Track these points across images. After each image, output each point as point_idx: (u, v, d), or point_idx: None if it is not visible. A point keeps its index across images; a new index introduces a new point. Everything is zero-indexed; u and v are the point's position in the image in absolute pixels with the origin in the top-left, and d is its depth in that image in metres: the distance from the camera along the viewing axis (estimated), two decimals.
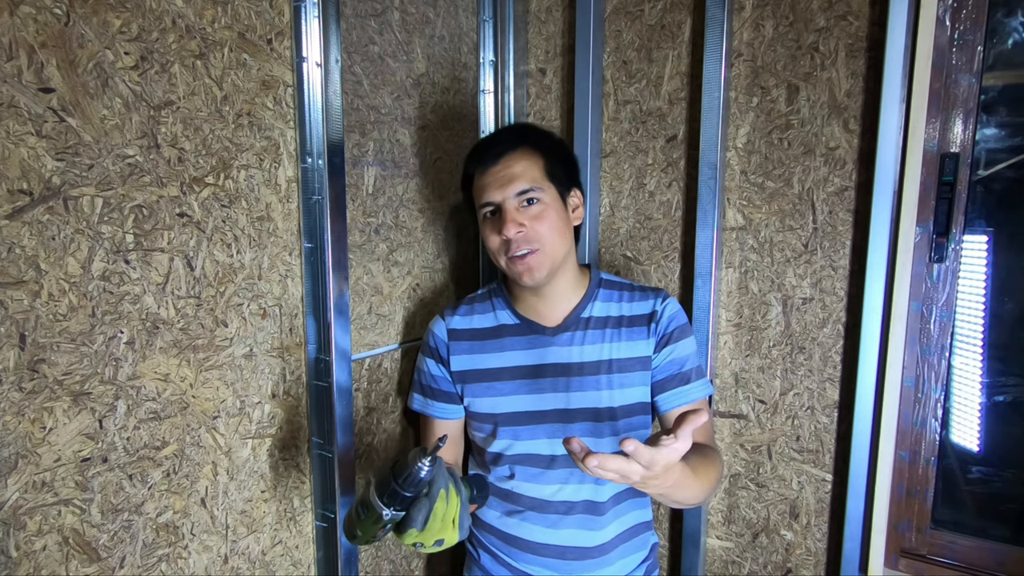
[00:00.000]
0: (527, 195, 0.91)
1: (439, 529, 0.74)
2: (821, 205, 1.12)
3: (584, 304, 0.99)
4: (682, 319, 0.99)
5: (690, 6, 1.21)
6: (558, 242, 0.93)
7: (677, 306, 1.00)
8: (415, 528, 0.73)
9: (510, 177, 0.91)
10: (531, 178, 0.92)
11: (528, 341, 0.99)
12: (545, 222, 0.91)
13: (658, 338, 0.97)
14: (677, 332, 0.98)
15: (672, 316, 0.98)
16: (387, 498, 0.72)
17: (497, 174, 0.92)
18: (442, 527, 0.74)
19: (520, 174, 0.91)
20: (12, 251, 0.62)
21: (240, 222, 0.84)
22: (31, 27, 0.62)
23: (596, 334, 0.98)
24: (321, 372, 0.94)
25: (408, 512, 0.73)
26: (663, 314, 0.98)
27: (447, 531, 0.75)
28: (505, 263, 0.94)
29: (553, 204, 0.93)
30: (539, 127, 1.02)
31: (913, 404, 1.12)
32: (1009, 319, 1.08)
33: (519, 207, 0.92)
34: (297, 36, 0.88)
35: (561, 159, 0.97)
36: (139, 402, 0.74)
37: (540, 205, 0.92)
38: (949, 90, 1.04)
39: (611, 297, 1.01)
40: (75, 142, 0.66)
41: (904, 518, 1.14)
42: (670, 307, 0.99)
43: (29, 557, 0.66)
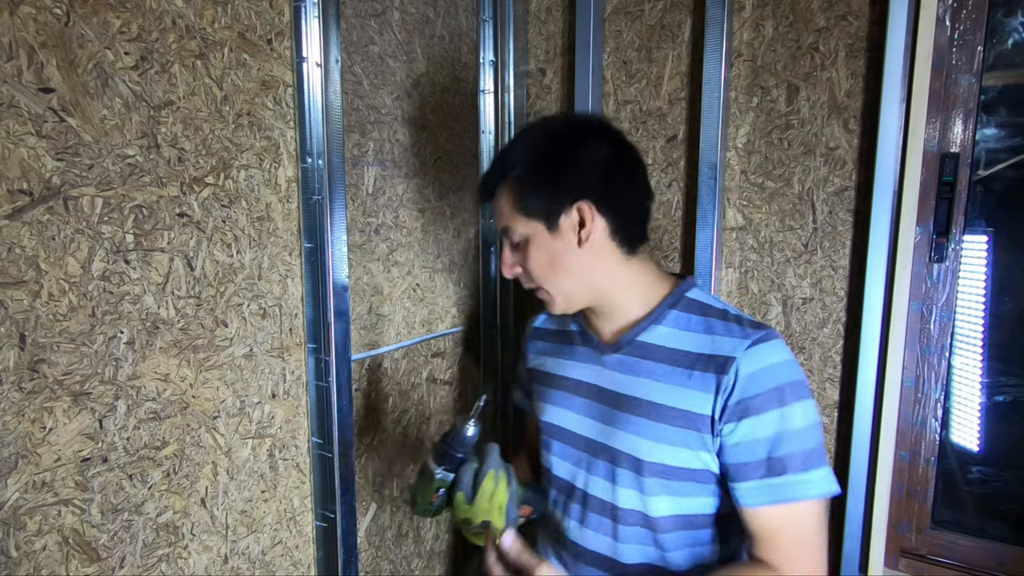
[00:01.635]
0: (508, 235, 0.81)
1: (486, 510, 0.79)
2: (821, 205, 1.12)
3: (643, 325, 0.81)
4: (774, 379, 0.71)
5: (690, 6, 1.21)
6: (554, 277, 0.79)
7: (772, 357, 0.72)
8: (463, 492, 0.80)
9: (497, 214, 0.83)
10: (507, 215, 0.80)
11: (583, 353, 0.88)
12: (530, 261, 0.79)
13: (726, 400, 0.73)
14: (762, 400, 0.71)
15: (755, 375, 0.71)
16: (438, 458, 0.81)
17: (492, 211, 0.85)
18: (489, 509, 0.79)
19: (500, 212, 0.82)
20: (12, 251, 0.62)
21: (240, 222, 0.84)
22: (31, 27, 0.62)
23: (650, 366, 0.79)
24: (321, 372, 0.94)
25: (457, 474, 0.81)
26: (739, 369, 0.72)
27: (494, 515, 0.79)
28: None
29: (536, 239, 0.78)
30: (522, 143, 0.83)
31: (913, 404, 1.12)
32: (1009, 319, 1.08)
33: (510, 247, 0.82)
34: (297, 36, 0.88)
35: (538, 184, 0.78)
36: (139, 402, 0.74)
37: (524, 242, 0.80)
38: (949, 90, 1.04)
39: (687, 323, 0.79)
40: (75, 142, 0.66)
41: (904, 518, 1.14)
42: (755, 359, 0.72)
43: (29, 557, 0.66)
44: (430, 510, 0.84)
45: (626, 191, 0.79)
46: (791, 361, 0.73)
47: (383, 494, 1.14)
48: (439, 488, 0.82)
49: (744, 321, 0.77)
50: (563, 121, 0.84)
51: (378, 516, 1.13)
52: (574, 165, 0.78)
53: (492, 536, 0.75)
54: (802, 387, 0.72)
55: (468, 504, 0.80)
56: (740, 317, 0.78)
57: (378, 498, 1.13)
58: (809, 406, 0.72)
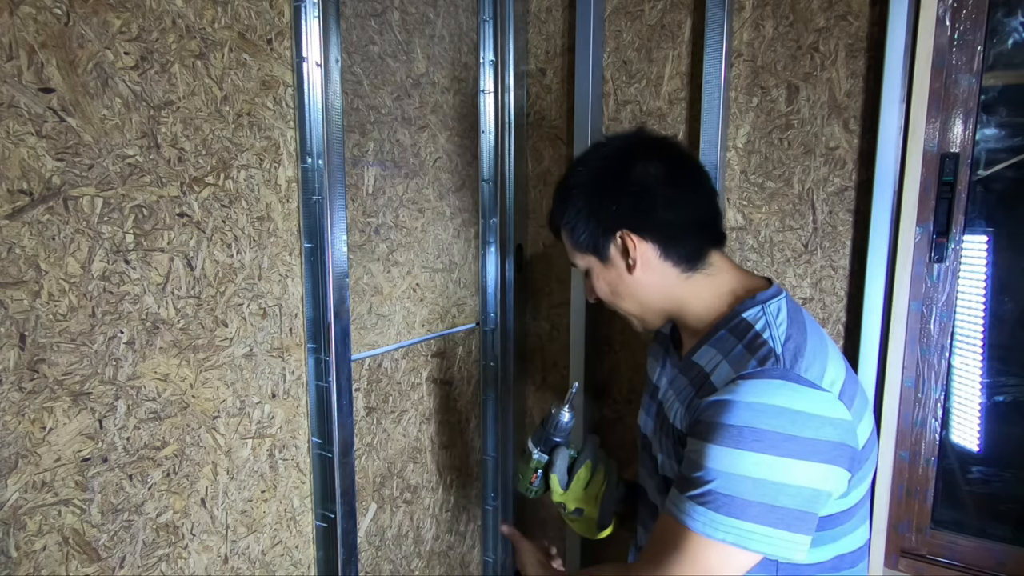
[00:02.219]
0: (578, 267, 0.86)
1: (580, 497, 0.85)
2: (821, 205, 1.12)
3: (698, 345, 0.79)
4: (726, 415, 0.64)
5: (690, 6, 1.21)
6: (620, 301, 0.83)
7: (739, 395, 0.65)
8: (558, 476, 0.85)
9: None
10: (569, 251, 0.86)
11: (665, 360, 0.88)
12: (597, 290, 0.84)
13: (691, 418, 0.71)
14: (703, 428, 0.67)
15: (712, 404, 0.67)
16: (536, 440, 0.88)
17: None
18: (584, 497, 0.85)
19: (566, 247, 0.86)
20: (12, 251, 0.62)
21: (240, 222, 0.84)
22: (31, 27, 0.62)
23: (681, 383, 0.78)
24: (321, 372, 0.94)
25: (551, 457, 0.87)
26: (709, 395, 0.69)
27: (588, 504, 0.85)
28: None
29: (595, 270, 0.83)
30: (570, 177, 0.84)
31: (913, 404, 1.12)
32: (1009, 319, 1.08)
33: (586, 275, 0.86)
34: (297, 36, 0.88)
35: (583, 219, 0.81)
36: (139, 402, 0.74)
37: (588, 273, 0.84)
38: (949, 90, 1.04)
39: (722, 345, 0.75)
40: (75, 142, 0.66)
41: (904, 518, 1.14)
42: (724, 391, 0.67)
43: (29, 557, 0.66)
44: (531, 490, 0.90)
45: (671, 209, 0.77)
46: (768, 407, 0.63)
47: (383, 494, 1.14)
48: (536, 469, 0.89)
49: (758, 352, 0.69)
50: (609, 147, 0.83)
51: (378, 516, 1.13)
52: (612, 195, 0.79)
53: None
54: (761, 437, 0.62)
55: (563, 489, 0.86)
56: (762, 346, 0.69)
57: (378, 498, 1.13)
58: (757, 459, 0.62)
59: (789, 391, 0.64)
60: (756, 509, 0.63)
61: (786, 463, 0.62)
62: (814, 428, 0.63)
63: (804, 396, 0.64)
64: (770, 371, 0.66)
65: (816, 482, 0.64)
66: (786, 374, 0.66)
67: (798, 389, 0.64)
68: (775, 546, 0.63)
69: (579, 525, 0.88)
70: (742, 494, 0.63)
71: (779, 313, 0.73)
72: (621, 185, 0.78)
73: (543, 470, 0.88)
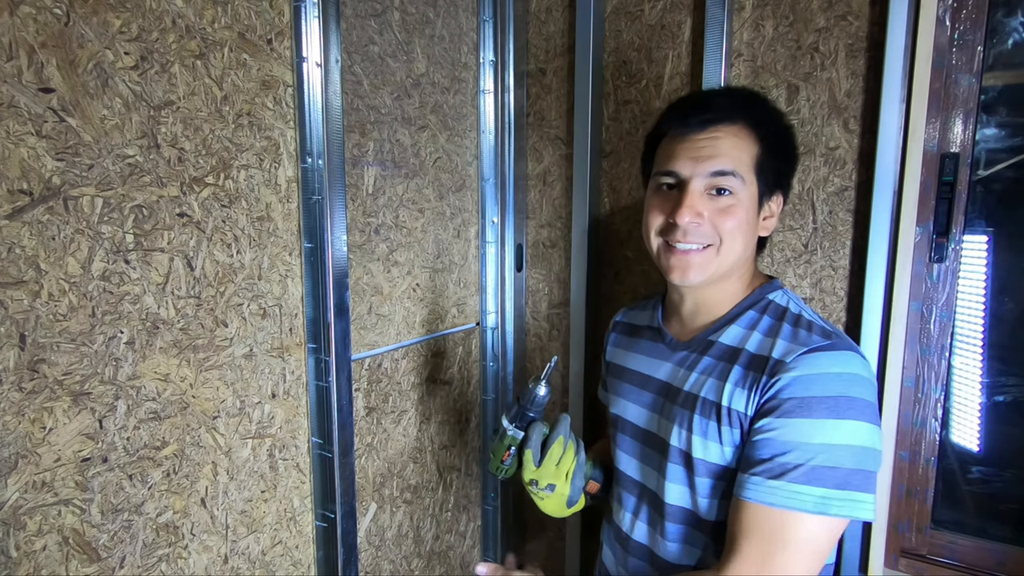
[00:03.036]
0: (721, 181, 0.74)
1: (553, 473, 0.85)
2: (821, 205, 1.12)
3: (719, 325, 0.80)
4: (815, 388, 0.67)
5: (690, 6, 1.21)
6: (734, 247, 0.75)
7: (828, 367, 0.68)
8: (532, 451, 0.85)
9: (712, 153, 0.74)
10: (736, 162, 0.74)
11: (655, 348, 0.88)
12: (731, 219, 0.74)
13: (761, 398, 0.70)
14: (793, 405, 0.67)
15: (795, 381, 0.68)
16: (511, 416, 0.87)
17: (697, 143, 0.75)
18: (556, 473, 0.85)
19: (725, 152, 0.74)
20: (12, 251, 0.62)
21: (240, 222, 0.84)
22: (31, 27, 0.62)
23: (707, 362, 0.78)
24: (321, 372, 0.94)
25: (526, 433, 0.86)
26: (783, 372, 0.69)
27: (560, 480, 0.85)
28: (658, 248, 0.79)
29: (747, 202, 0.75)
30: (768, 101, 0.80)
31: (913, 404, 1.12)
32: (1009, 319, 1.08)
33: (706, 192, 0.75)
34: (297, 36, 0.88)
35: (782, 154, 0.78)
36: (139, 402, 0.74)
37: (732, 198, 0.74)
38: (949, 90, 1.04)
39: (756, 324, 0.77)
40: (75, 142, 0.66)
41: (904, 518, 1.14)
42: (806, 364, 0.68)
43: (29, 557, 0.66)
44: (502, 469, 0.89)
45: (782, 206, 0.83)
46: (848, 375, 0.67)
47: (383, 494, 1.14)
48: (510, 446, 0.87)
49: (814, 328, 0.72)
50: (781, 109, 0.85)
51: (378, 516, 1.13)
52: (796, 156, 0.82)
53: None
54: (847, 404, 0.65)
55: (536, 466, 0.85)
56: (812, 324, 0.73)
57: (378, 498, 1.13)
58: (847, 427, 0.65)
59: (860, 361, 0.69)
60: (858, 477, 0.65)
61: (872, 429, 0.67)
62: (873, 393, 0.68)
63: (866, 365, 0.70)
64: (840, 343, 0.70)
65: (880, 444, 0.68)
66: (853, 346, 0.71)
67: (861, 359, 0.70)
68: (870, 511, 0.66)
69: (550, 503, 0.87)
70: (844, 463, 0.65)
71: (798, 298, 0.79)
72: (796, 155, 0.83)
73: (517, 447, 0.87)
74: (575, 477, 0.86)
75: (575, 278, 1.35)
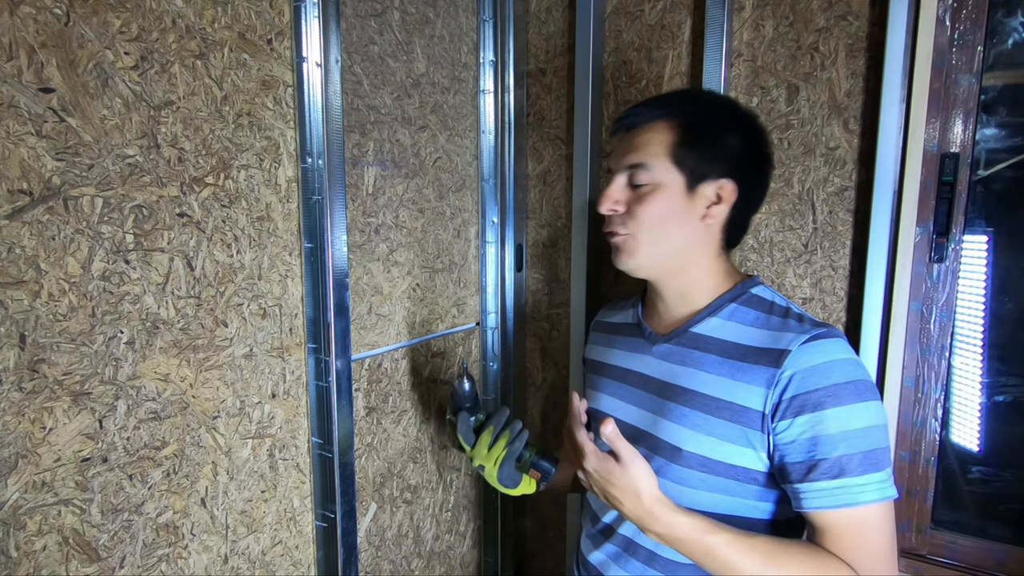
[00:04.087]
0: (637, 172, 0.79)
1: (484, 456, 0.94)
2: (821, 205, 1.12)
3: (699, 317, 0.82)
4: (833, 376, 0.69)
5: (690, 6, 1.21)
6: (658, 234, 0.78)
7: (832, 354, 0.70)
8: (462, 436, 0.97)
9: (628, 148, 0.80)
10: (650, 154, 0.78)
11: (634, 343, 0.90)
12: (647, 206, 0.78)
13: (780, 395, 0.71)
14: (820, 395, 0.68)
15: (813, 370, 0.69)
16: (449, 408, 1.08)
17: (621, 142, 0.83)
18: (487, 456, 0.94)
19: (638, 147, 0.79)
20: (12, 251, 0.62)
21: (240, 222, 0.84)
22: (31, 27, 0.62)
23: (699, 356, 0.79)
24: (321, 372, 0.94)
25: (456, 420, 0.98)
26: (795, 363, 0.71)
27: (488, 463, 0.94)
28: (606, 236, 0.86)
29: (667, 190, 0.77)
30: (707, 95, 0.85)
31: (913, 404, 1.12)
32: (1009, 319, 1.08)
33: (627, 184, 0.81)
34: (297, 36, 0.88)
35: (705, 140, 0.78)
36: (139, 402, 0.74)
37: (648, 187, 0.78)
38: (949, 90, 1.04)
39: (744, 317, 0.79)
40: (75, 142, 0.66)
41: (904, 518, 1.14)
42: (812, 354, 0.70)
43: (29, 557, 0.66)
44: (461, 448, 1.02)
45: (759, 192, 0.83)
46: (853, 360, 0.71)
47: (383, 494, 1.14)
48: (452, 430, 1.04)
49: (805, 319, 0.76)
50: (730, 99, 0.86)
51: (378, 516, 1.13)
52: (739, 140, 0.79)
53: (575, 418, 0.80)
54: (865, 387, 0.69)
55: (469, 447, 0.97)
56: (803, 316, 0.76)
57: (378, 498, 1.13)
58: (872, 408, 0.69)
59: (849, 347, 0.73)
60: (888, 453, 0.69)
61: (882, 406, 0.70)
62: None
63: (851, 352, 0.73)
64: (834, 330, 0.73)
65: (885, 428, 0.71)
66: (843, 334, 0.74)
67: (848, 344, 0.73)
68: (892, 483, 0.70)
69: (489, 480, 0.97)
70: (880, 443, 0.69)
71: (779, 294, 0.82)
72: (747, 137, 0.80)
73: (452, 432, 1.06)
74: (504, 464, 0.93)
75: (575, 278, 1.35)
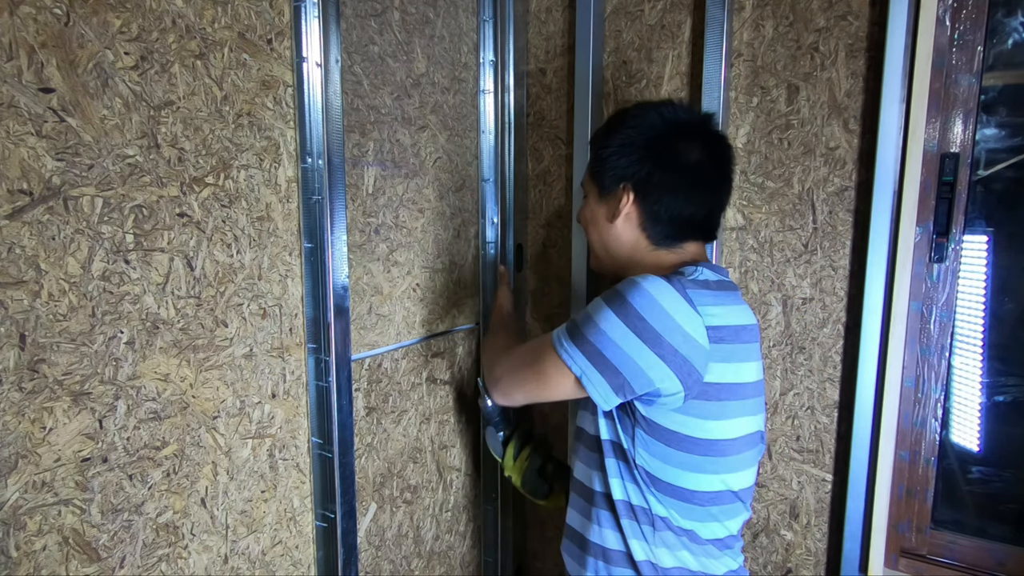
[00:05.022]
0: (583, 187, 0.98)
1: (509, 466, 1.12)
2: (821, 205, 1.12)
3: None
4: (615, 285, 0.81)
5: (690, 6, 1.21)
6: (592, 238, 0.95)
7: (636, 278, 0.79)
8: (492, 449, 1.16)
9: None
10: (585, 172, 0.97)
11: None
12: (582, 212, 0.97)
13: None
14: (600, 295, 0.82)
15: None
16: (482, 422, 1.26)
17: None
18: (513, 467, 1.12)
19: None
20: (12, 251, 0.62)
21: (240, 222, 0.84)
22: (31, 27, 0.62)
23: None
24: (321, 372, 0.94)
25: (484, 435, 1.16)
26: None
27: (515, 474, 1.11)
28: None
29: (590, 197, 0.95)
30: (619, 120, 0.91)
31: (913, 404, 1.12)
32: (1009, 319, 1.08)
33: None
34: (297, 36, 0.88)
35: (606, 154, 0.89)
36: (139, 402, 0.74)
37: (584, 196, 0.97)
38: (949, 90, 1.04)
39: None
40: (75, 142, 0.66)
41: (904, 518, 1.14)
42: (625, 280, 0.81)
43: (29, 557, 0.66)
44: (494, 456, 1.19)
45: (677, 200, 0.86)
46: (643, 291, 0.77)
47: (383, 494, 1.14)
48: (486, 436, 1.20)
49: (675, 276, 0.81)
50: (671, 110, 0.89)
51: (378, 516, 1.13)
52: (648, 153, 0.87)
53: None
54: (612, 295, 0.79)
55: (499, 456, 1.13)
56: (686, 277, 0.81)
57: (378, 498, 1.13)
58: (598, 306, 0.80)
59: (666, 290, 0.77)
60: (592, 350, 0.79)
61: (628, 333, 0.76)
62: (663, 325, 0.76)
63: (674, 300, 0.76)
64: (667, 276, 0.79)
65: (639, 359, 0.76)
66: (678, 282, 0.78)
67: (673, 294, 0.77)
68: (588, 378, 0.80)
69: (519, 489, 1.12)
70: (581, 320, 0.81)
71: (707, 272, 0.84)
72: (659, 151, 0.86)
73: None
74: (527, 474, 1.08)
75: (575, 278, 1.35)
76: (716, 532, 0.85)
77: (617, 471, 0.86)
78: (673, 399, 0.78)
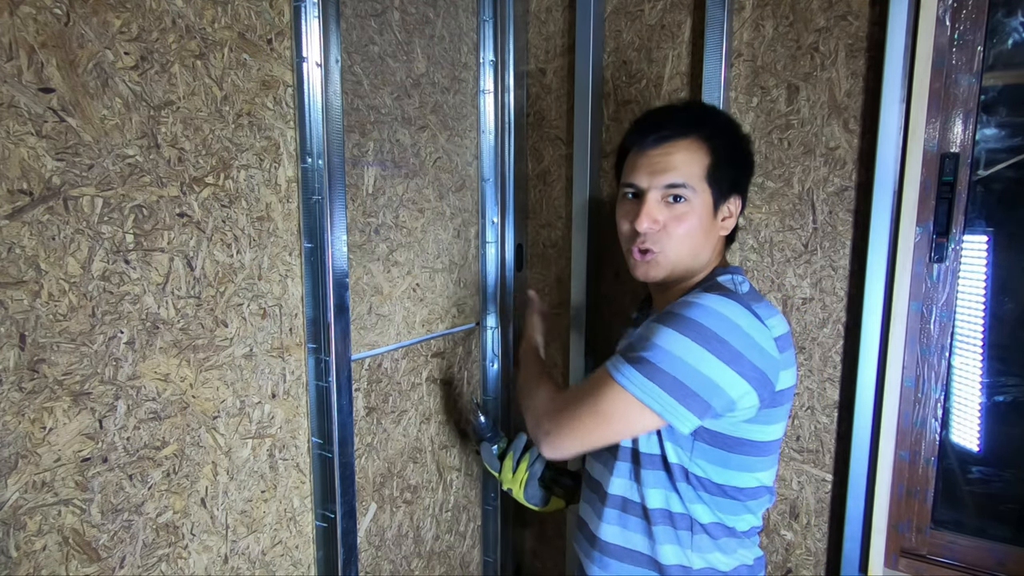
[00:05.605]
0: (675, 191, 0.82)
1: (508, 479, 1.09)
2: (821, 205, 1.12)
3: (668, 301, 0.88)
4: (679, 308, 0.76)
5: (690, 6, 1.21)
6: (685, 250, 0.84)
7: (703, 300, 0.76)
8: (488, 464, 1.13)
9: (664, 167, 0.82)
10: (687, 174, 0.82)
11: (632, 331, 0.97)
12: (683, 226, 0.83)
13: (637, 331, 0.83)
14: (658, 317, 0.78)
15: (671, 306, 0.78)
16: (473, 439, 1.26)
17: (652, 159, 0.84)
18: (513, 480, 1.09)
19: (676, 167, 0.82)
20: (12, 251, 0.62)
21: (240, 222, 0.84)
22: (31, 27, 0.62)
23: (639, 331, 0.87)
24: (321, 372, 0.94)
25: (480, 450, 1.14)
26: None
27: (515, 486, 1.09)
28: (626, 250, 0.89)
29: (700, 209, 0.83)
30: (722, 115, 0.90)
31: (913, 404, 1.12)
32: (1009, 319, 1.08)
33: (662, 201, 0.83)
34: (297, 36, 0.88)
35: (733, 161, 0.85)
36: (139, 402, 0.74)
37: (686, 206, 0.82)
38: (949, 90, 1.04)
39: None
40: (75, 142, 0.66)
41: (904, 518, 1.15)
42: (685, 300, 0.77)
43: (29, 557, 0.66)
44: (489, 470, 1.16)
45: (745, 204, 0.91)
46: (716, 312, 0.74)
47: (383, 494, 1.14)
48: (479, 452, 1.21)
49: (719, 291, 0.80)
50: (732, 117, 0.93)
51: (378, 516, 1.13)
52: (749, 160, 0.91)
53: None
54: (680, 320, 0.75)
55: (496, 473, 1.11)
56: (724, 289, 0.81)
57: (378, 498, 1.13)
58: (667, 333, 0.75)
59: (735, 308, 0.75)
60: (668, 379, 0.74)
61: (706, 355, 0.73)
62: (742, 343, 0.74)
63: (746, 317, 0.75)
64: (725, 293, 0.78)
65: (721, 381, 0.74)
66: (738, 298, 0.77)
67: (743, 311, 0.75)
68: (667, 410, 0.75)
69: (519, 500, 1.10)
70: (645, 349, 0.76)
71: (745, 283, 0.85)
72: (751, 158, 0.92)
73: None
74: (528, 484, 1.08)
75: (575, 278, 1.35)
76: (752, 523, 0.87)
77: (655, 481, 0.84)
78: (747, 411, 0.77)
